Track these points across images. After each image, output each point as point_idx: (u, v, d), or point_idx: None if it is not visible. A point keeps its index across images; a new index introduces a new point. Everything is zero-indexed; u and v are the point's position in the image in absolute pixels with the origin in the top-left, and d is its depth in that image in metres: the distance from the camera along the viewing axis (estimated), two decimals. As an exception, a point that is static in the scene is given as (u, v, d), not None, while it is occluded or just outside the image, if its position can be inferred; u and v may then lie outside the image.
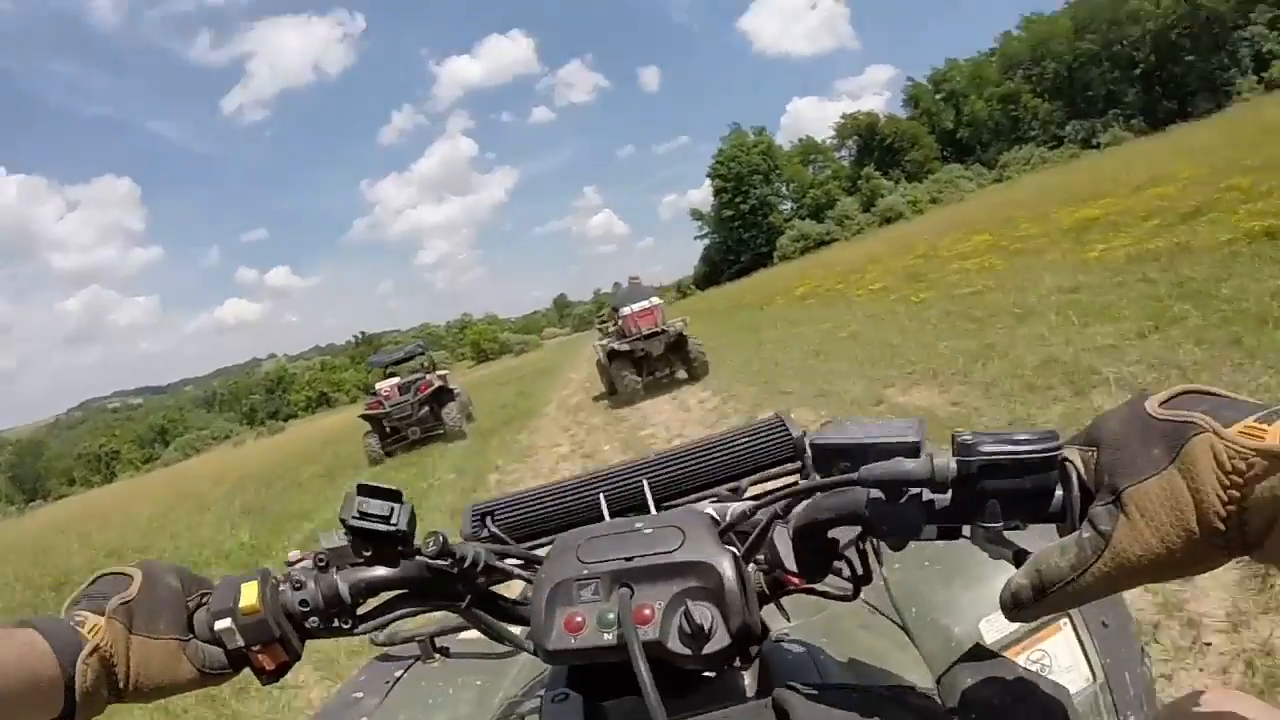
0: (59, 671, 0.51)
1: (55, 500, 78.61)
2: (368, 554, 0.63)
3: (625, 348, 10.75)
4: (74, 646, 0.52)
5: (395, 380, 13.60)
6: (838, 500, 0.53)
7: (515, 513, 0.89)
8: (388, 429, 13.08)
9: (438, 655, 0.77)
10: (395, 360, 15.26)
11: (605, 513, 0.84)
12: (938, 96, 75.72)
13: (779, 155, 73.45)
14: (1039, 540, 0.48)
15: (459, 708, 0.89)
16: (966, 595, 0.81)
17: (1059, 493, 0.47)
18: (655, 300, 11.12)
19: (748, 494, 0.84)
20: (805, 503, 0.57)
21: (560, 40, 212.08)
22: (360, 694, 0.89)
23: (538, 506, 0.88)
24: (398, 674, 0.95)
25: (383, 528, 0.61)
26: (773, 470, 0.85)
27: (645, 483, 0.84)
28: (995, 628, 0.78)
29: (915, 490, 0.49)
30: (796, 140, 78.07)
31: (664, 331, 10.74)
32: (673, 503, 0.85)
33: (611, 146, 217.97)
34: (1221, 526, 0.39)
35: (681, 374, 11.17)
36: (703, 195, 78.03)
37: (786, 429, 0.86)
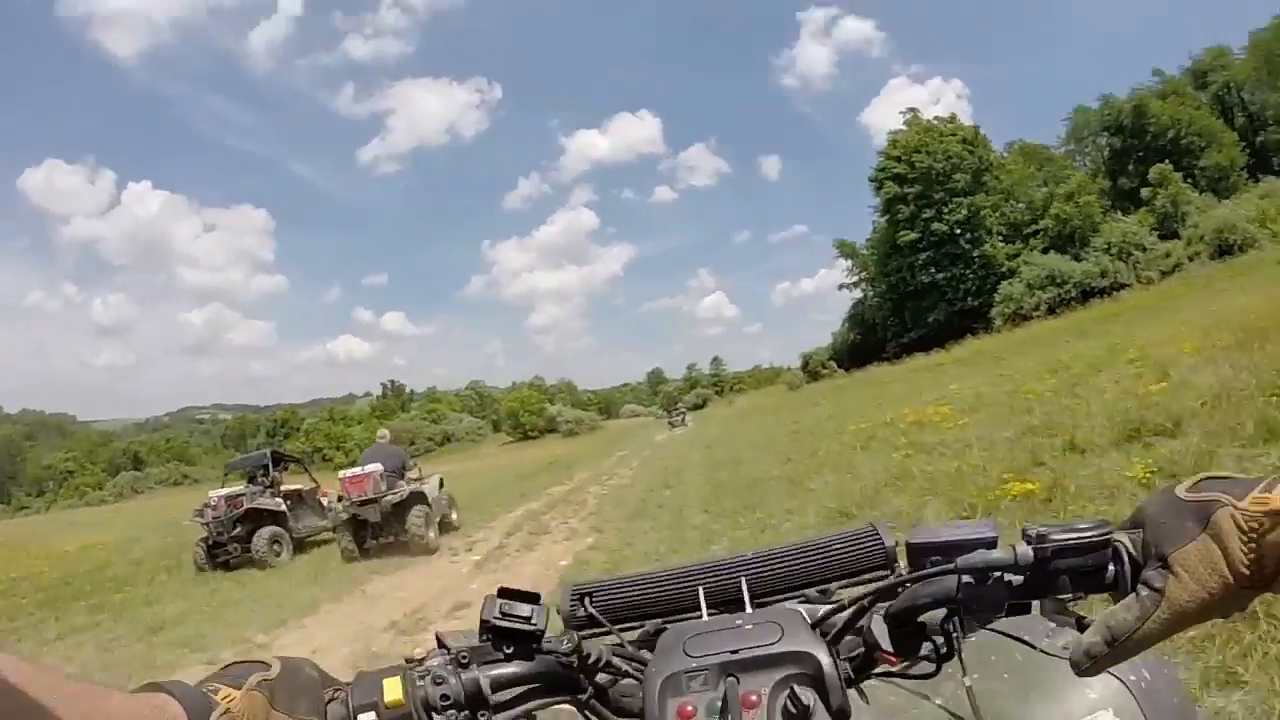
0: None
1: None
2: (508, 650, 0.69)
3: (346, 514, 10.79)
4: (206, 710, 0.53)
5: (229, 491, 12.87)
6: (934, 587, 0.64)
7: (614, 596, 0.91)
8: (210, 542, 12.06)
9: None
10: (244, 466, 14.48)
11: (703, 605, 0.86)
12: (1204, 95, 47.22)
13: (989, 152, 45.85)
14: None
15: None
16: (1042, 708, 0.88)
17: (1112, 567, 0.61)
18: (370, 467, 10.99)
19: (835, 597, 0.87)
20: (904, 592, 0.67)
21: (686, 123, 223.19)
22: None
23: (637, 592, 0.90)
24: None
25: (525, 627, 0.68)
26: (863, 576, 0.89)
27: (744, 580, 0.87)
28: None
29: (998, 574, 0.62)
30: (1002, 148, 50.32)
31: (375, 500, 10.65)
32: (767, 599, 0.87)
33: (728, 231, 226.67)
34: (1247, 573, 0.52)
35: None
36: (815, 283, 51.00)
37: (880, 538, 0.89)
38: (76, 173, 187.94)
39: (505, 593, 0.69)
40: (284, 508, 12.46)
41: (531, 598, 0.69)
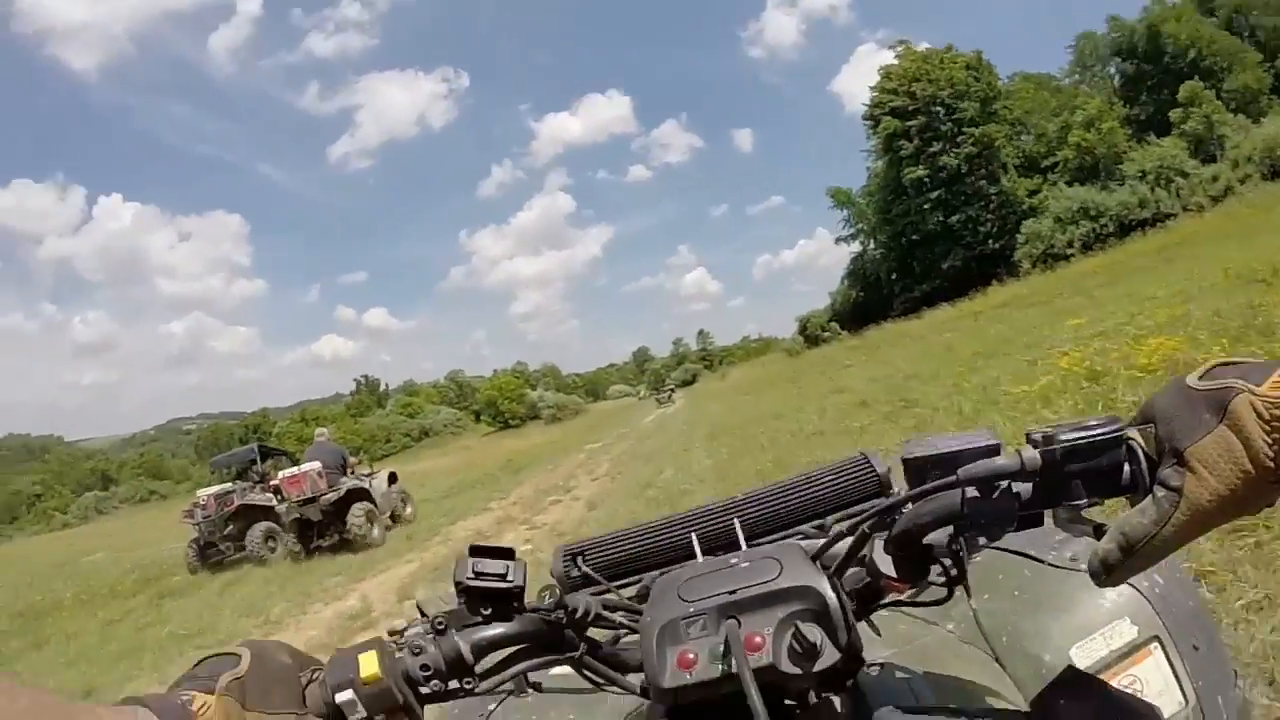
0: None
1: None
2: (486, 612, 0.66)
3: (292, 515, 10.83)
4: None
5: (218, 490, 12.69)
6: (936, 505, 0.59)
7: (606, 553, 0.90)
8: (202, 543, 12.15)
9: (530, 690, 0.73)
10: (230, 462, 14.41)
11: (698, 551, 0.84)
12: (1212, 19, 42.64)
13: (995, 79, 41.22)
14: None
15: None
16: (1056, 623, 0.86)
17: (1127, 467, 0.55)
18: (308, 465, 11.22)
19: (833, 530, 0.83)
20: (903, 513, 0.63)
21: (656, 100, 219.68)
22: None
23: (629, 546, 0.89)
24: (491, 708, 1.00)
25: (500, 585, 0.65)
26: (857, 507, 0.87)
27: (737, 521, 0.85)
28: (1086, 654, 0.82)
29: (1005, 484, 0.57)
30: (1005, 78, 45.56)
31: (314, 499, 10.75)
32: (762, 540, 0.85)
33: (705, 206, 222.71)
34: (1271, 464, 0.47)
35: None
36: (795, 254, 46.66)
37: (872, 466, 0.88)
38: (46, 191, 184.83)
39: (477, 550, 0.66)
40: (275, 502, 12.05)
41: (505, 553, 0.66)
